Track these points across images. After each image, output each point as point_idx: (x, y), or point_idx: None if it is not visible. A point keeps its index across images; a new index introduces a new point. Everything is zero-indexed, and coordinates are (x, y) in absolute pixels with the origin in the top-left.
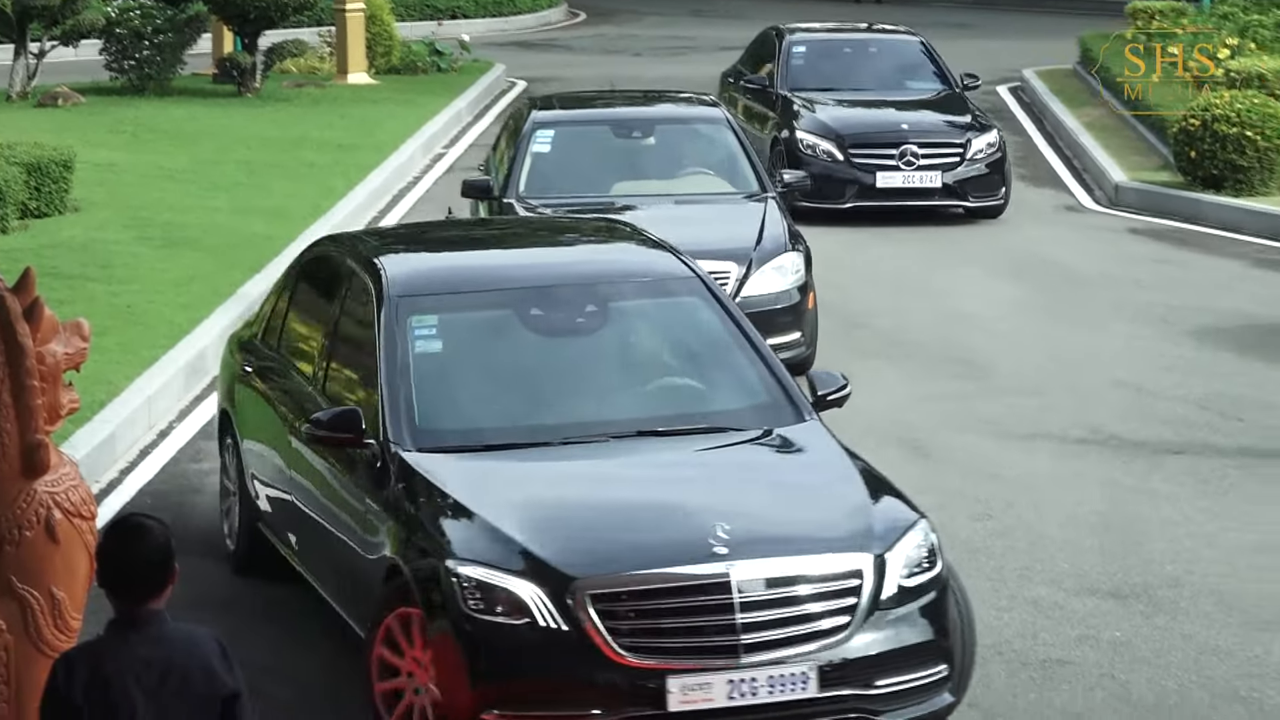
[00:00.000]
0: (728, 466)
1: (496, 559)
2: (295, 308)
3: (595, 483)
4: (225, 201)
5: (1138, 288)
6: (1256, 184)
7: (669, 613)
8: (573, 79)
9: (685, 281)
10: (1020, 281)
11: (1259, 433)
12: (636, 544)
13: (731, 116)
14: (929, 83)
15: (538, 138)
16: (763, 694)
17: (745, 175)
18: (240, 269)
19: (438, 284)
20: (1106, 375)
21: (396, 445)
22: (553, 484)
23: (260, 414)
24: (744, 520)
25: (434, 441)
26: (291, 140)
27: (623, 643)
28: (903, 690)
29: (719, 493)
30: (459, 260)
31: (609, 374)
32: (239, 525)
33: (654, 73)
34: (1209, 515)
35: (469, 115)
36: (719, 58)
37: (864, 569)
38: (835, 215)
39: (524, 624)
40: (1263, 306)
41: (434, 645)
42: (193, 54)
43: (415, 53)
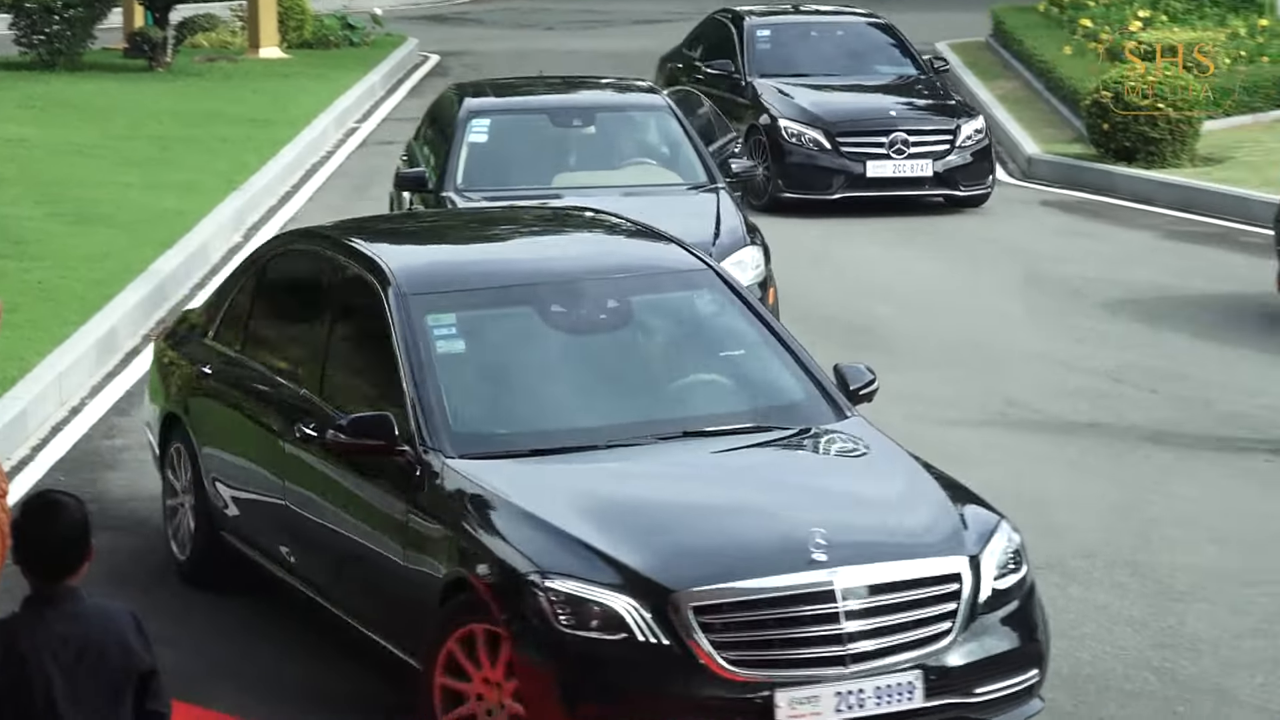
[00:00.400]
0: (798, 468)
1: (584, 571)
2: (263, 307)
3: (667, 487)
4: (137, 177)
5: (1051, 260)
6: (1168, 156)
7: (773, 624)
8: (486, 52)
9: (700, 274)
10: (932, 254)
11: (1172, 404)
12: (736, 553)
13: (674, 103)
14: (900, 66)
15: (473, 127)
16: (870, 705)
17: (691, 165)
18: (152, 245)
19: (451, 280)
20: (1020, 348)
21: (436, 452)
22: (622, 489)
23: (230, 419)
24: (837, 525)
25: (474, 447)
26: (204, 115)
27: (728, 656)
28: (1001, 698)
29: (802, 496)
30: (464, 255)
31: (642, 372)
32: (194, 534)
33: (568, 46)
34: (1122, 487)
35: (382, 89)
36: (633, 31)
37: (962, 572)
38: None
39: (621, 639)
40: (1175, 278)
41: (520, 665)
42: (103, 28)
43: (327, 27)
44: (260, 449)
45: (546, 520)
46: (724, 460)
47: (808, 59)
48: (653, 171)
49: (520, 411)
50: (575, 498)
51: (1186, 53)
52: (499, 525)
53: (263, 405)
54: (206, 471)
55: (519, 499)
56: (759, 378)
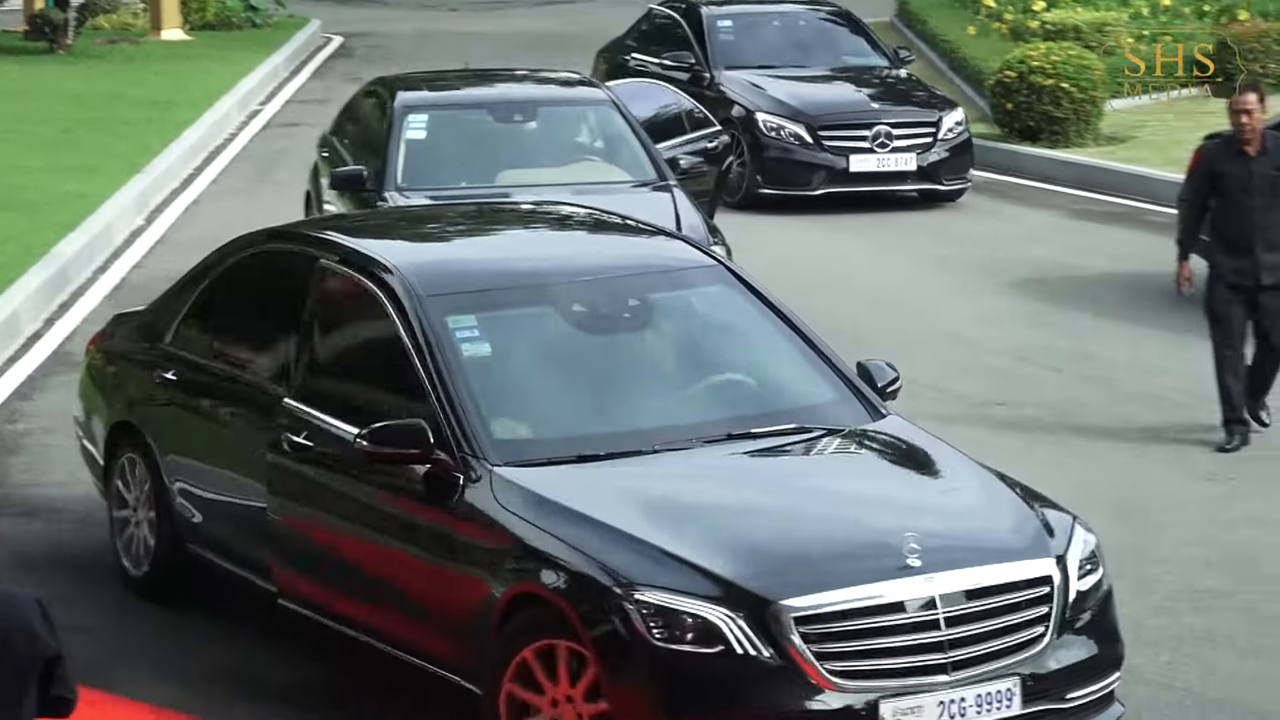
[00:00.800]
0: (867, 471)
1: (675, 582)
2: (233, 312)
3: (737, 493)
4: (39, 160)
5: (956, 240)
6: (1072, 135)
7: (874, 632)
8: (390, 34)
9: (714, 270)
10: (836, 233)
11: (1076, 383)
12: (831, 561)
13: (618, 98)
14: (866, 57)
15: (410, 123)
16: (971, 714)
17: (639, 161)
18: (54, 228)
19: (466, 280)
20: (926, 327)
21: (479, 460)
22: (694, 495)
23: (205, 428)
24: (926, 529)
25: (518, 454)
26: (106, 97)
27: (830, 667)
28: (1090, 702)
29: (881, 500)
30: (471, 253)
31: (675, 372)
32: (154, 548)
33: (472, 28)
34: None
35: (285, 71)
36: (538, 13)
37: (1053, 574)
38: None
39: (719, 652)
40: (1079, 257)
41: (610, 681)
42: (3, 10)
43: (230, 8)
44: (240, 459)
45: (622, 529)
46: (786, 464)
47: (773, 50)
48: (599, 168)
49: (559, 416)
50: (646, 505)
51: (1090, 32)
52: (570, 536)
53: (243, 414)
54: (172, 483)
55: (585, 507)
56: (790, 376)
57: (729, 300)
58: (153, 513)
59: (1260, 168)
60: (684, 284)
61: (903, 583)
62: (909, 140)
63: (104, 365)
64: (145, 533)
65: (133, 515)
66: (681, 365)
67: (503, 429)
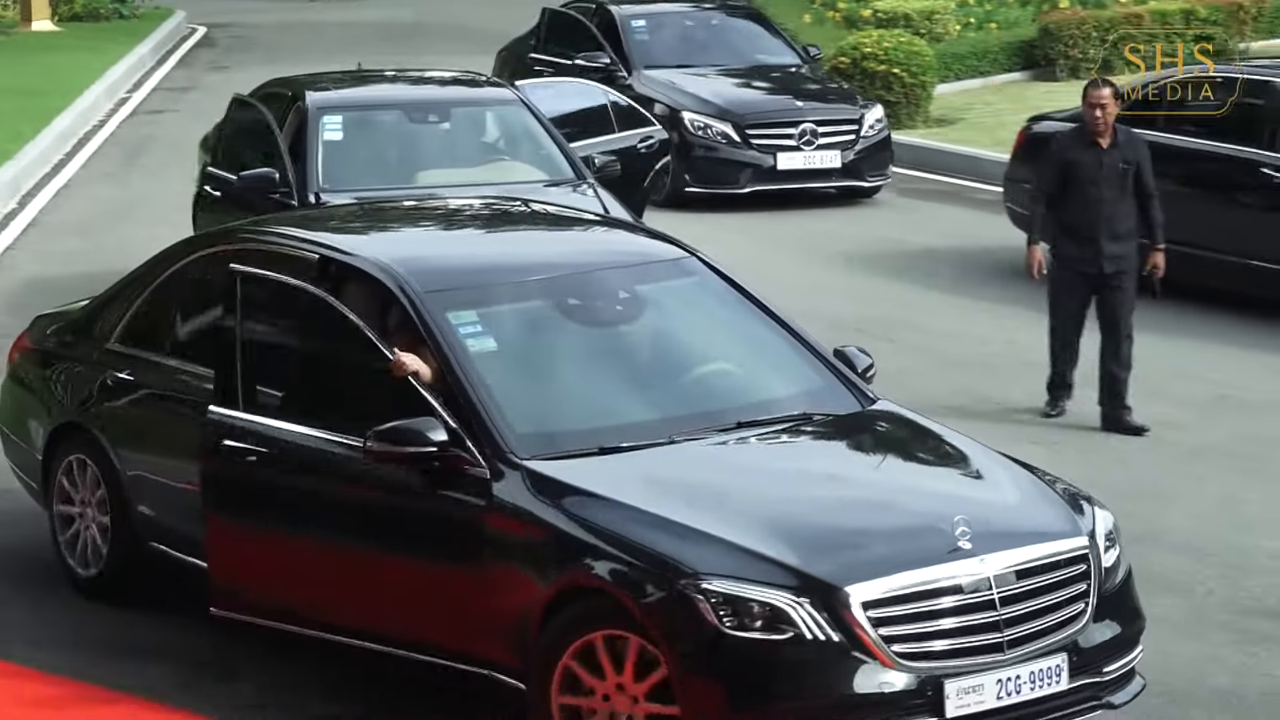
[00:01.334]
0: (889, 455)
1: (740, 571)
2: (188, 310)
3: (777, 481)
4: None
5: (792, 217)
6: (904, 118)
7: (936, 614)
8: (252, 24)
9: (690, 262)
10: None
11: (906, 353)
12: (888, 546)
13: (527, 97)
14: (779, 55)
15: (326, 124)
16: (1025, 690)
17: (554, 161)
18: None
19: (460, 275)
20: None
21: (505, 455)
22: (731, 484)
23: (174, 428)
24: (970, 513)
25: (541, 448)
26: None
27: (898, 650)
28: (1123, 675)
29: (918, 485)
30: (454, 249)
31: (674, 363)
32: (108, 549)
33: (331, 18)
34: None
35: (151, 60)
36: (391, 4)
37: (1088, 552)
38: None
39: (788, 638)
40: (910, 232)
41: (678, 670)
42: None
43: (98, 0)
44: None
45: (674, 519)
46: (808, 451)
47: (688, 49)
48: (517, 168)
49: (574, 409)
50: (687, 494)
51: (919, 20)
52: (619, 527)
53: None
54: (133, 482)
55: (628, 498)
56: (780, 364)
57: (710, 290)
58: (106, 514)
59: (1110, 160)
60: (665, 275)
61: (959, 565)
62: (833, 138)
63: (38, 368)
64: (95, 534)
65: (79, 516)
66: (678, 355)
67: (523, 423)
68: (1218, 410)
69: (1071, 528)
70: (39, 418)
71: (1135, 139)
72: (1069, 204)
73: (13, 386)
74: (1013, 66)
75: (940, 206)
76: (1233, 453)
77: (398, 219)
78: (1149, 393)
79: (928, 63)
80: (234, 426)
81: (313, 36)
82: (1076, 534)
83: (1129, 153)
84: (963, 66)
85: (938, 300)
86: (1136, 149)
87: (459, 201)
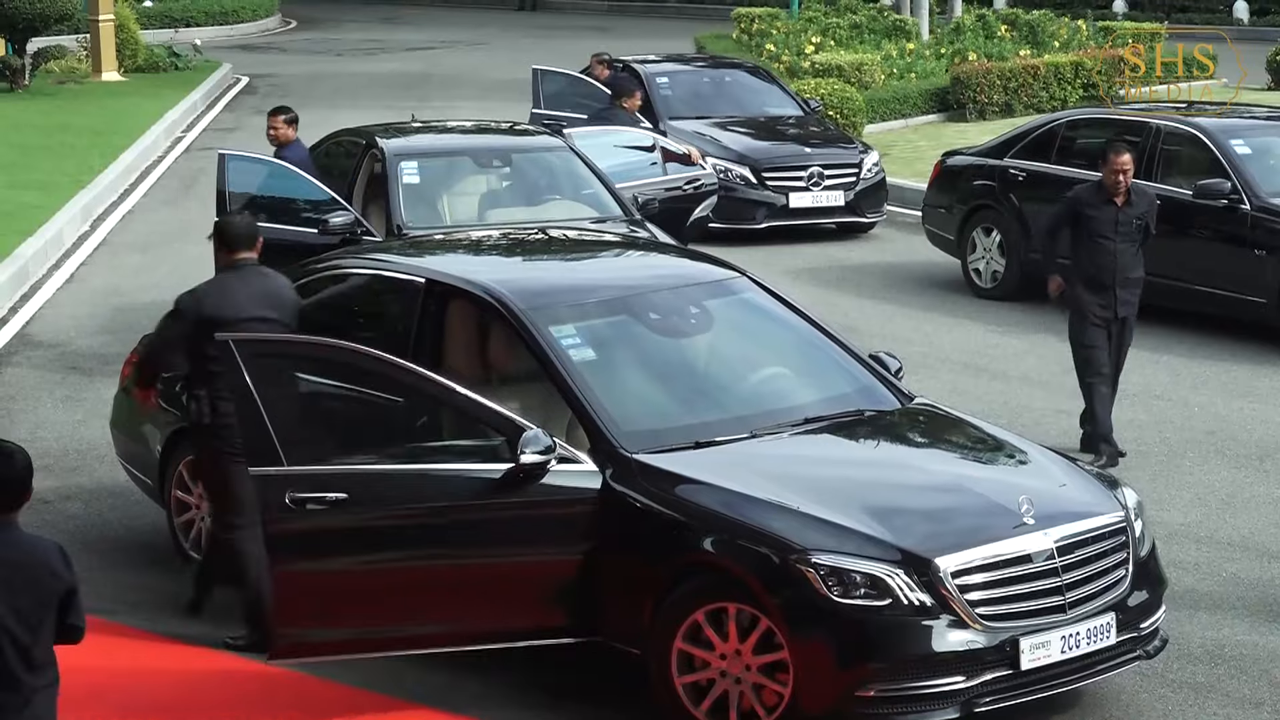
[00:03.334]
0: (946, 445)
1: (843, 546)
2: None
3: (855, 467)
4: (1, 178)
5: (739, 241)
6: None
7: (1010, 581)
8: (288, 74)
9: (743, 281)
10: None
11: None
12: (966, 522)
13: (576, 144)
14: (785, 107)
15: (404, 170)
16: (1083, 645)
17: (605, 201)
18: (15, 234)
19: (554, 294)
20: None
21: (620, 450)
22: (820, 471)
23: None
24: (1028, 492)
25: (647, 444)
26: (56, 127)
27: (981, 612)
28: (1155, 629)
29: (975, 468)
30: (539, 271)
31: (745, 368)
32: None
33: (355, 69)
34: None
35: (203, 105)
36: (405, 57)
37: (1125, 524)
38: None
39: (888, 604)
40: (843, 251)
41: (792, 635)
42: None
43: (157, 55)
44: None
45: (777, 502)
46: (876, 443)
47: (706, 103)
48: (573, 208)
49: (666, 409)
50: (784, 481)
51: (850, 70)
52: (732, 510)
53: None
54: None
55: (734, 485)
56: (829, 368)
57: (761, 305)
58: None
59: (1125, 216)
60: (724, 292)
61: (1026, 538)
62: (838, 179)
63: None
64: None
65: (196, 508)
66: (744, 361)
67: (628, 421)
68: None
69: (1111, 504)
70: (155, 423)
71: (1145, 194)
72: (1086, 255)
73: (125, 397)
74: (929, 109)
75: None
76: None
77: (482, 248)
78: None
79: (858, 106)
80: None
81: (338, 84)
82: (1116, 509)
83: (1141, 208)
84: (887, 109)
85: (869, 307)
86: (1148, 204)
87: (532, 233)
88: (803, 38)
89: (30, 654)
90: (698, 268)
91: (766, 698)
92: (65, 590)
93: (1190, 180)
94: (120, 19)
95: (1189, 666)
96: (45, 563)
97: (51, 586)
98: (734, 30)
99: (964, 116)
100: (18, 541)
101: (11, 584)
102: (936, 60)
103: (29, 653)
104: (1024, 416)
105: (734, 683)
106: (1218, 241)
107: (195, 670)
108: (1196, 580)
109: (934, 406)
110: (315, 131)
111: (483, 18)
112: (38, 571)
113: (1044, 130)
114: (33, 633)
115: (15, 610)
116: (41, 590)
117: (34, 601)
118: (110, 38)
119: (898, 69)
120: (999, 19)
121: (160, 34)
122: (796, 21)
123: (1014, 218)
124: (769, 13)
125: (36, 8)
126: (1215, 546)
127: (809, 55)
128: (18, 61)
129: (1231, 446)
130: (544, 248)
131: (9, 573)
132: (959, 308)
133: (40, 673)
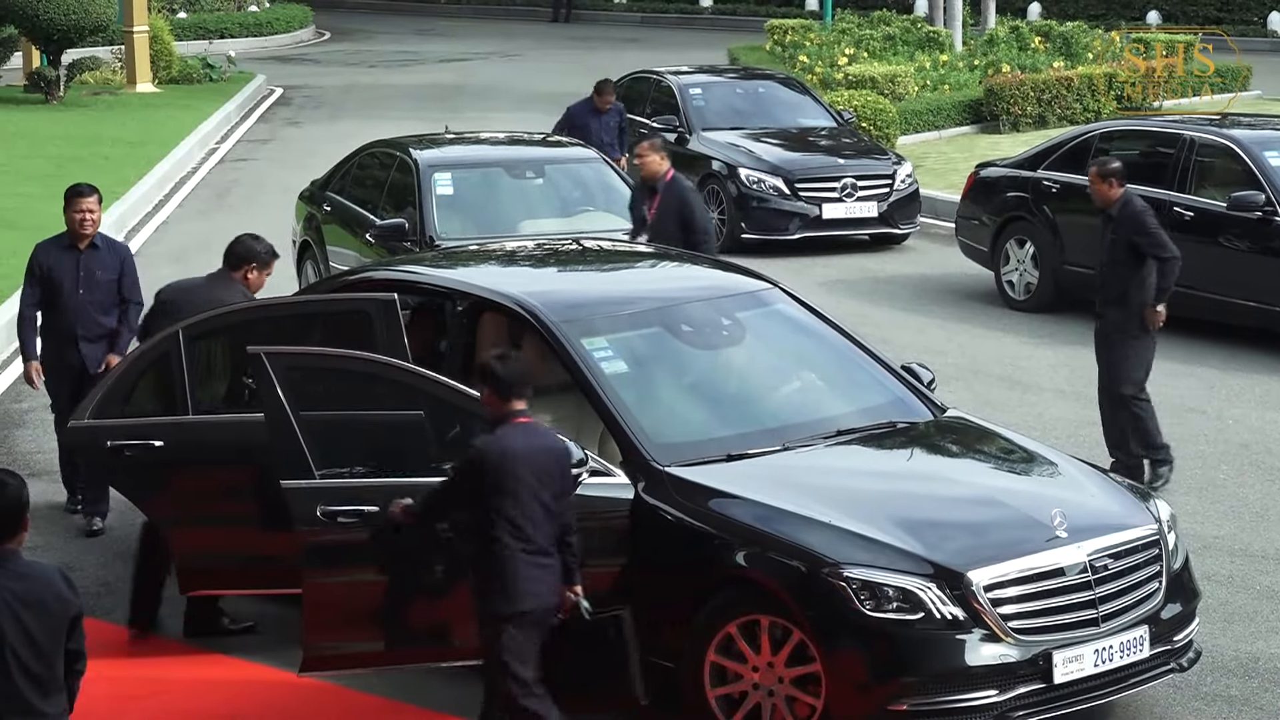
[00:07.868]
0: (978, 457)
1: (875, 560)
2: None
3: (887, 480)
4: (37, 189)
5: (777, 250)
6: None
7: (1043, 594)
8: (321, 86)
9: (775, 292)
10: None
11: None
12: (999, 535)
13: (607, 157)
14: (818, 119)
15: (437, 181)
16: (1116, 658)
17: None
18: None
19: (586, 307)
20: None
21: (652, 463)
22: (852, 484)
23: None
24: (1061, 505)
25: (680, 456)
26: (91, 138)
27: (1014, 625)
28: (1188, 642)
29: (1007, 480)
30: (571, 284)
31: (777, 379)
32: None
33: (388, 81)
34: None
35: (236, 116)
36: (438, 69)
37: (1159, 537)
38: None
39: (920, 618)
40: (877, 263)
41: (824, 647)
42: (7, 69)
43: (191, 66)
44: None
45: (810, 516)
46: (909, 455)
47: (739, 114)
48: (604, 218)
49: (699, 421)
50: (816, 494)
51: (884, 82)
52: (764, 524)
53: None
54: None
55: (767, 497)
56: (863, 379)
57: (794, 316)
58: None
59: (1113, 232)
60: (757, 304)
61: (1060, 551)
62: (871, 190)
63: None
64: None
65: None
66: (776, 372)
67: (660, 434)
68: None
69: (1144, 517)
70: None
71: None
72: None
73: None
74: (963, 121)
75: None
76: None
77: (515, 260)
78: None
79: (891, 118)
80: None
81: (372, 96)
82: (1149, 522)
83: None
84: (920, 121)
85: (903, 319)
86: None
87: (564, 243)
88: (836, 49)
89: (43, 682)
90: (730, 279)
91: (799, 710)
92: (74, 614)
93: (1224, 192)
94: (155, 31)
95: (1223, 679)
96: (51, 588)
97: (61, 611)
98: (767, 42)
99: (997, 128)
100: (21, 571)
101: (20, 613)
102: (970, 72)
103: (42, 681)
104: (1057, 429)
105: (767, 695)
106: (1253, 253)
107: (233, 680)
108: (1230, 593)
109: (966, 418)
110: (348, 143)
111: (516, 29)
112: (44, 597)
113: (1078, 142)
114: (44, 660)
115: (27, 638)
116: (51, 616)
117: (44, 628)
118: (145, 49)
119: (931, 81)
120: (1033, 31)
121: (194, 45)
122: (830, 33)
123: (1047, 229)
124: (802, 24)
125: (71, 19)
126: (1249, 559)
127: (842, 67)
128: (53, 73)
129: (1266, 459)
130: (577, 259)
131: (16, 602)
132: (992, 319)
133: (54, 700)
